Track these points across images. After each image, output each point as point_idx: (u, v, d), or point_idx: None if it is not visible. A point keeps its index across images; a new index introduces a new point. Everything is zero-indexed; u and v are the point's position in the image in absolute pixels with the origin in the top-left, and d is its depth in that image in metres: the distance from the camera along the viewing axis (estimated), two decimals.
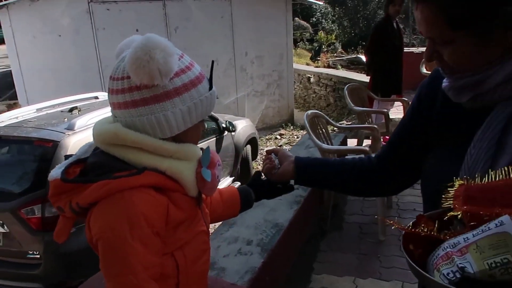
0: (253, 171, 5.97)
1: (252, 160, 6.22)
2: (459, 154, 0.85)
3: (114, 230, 0.83)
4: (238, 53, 8.30)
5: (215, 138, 5.23)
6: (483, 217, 0.67)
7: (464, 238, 0.65)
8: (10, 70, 7.64)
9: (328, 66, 12.40)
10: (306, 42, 16.56)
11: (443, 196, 0.74)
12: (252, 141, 6.26)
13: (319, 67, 12.35)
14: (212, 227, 4.47)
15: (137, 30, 7.31)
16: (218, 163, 1.00)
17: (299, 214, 2.71)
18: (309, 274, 2.70)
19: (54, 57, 7.07)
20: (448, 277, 0.62)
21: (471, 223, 0.67)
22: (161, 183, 0.89)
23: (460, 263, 0.62)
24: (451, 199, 0.73)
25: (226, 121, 5.47)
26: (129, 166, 0.89)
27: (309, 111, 3.26)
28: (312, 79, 10.53)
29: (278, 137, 8.22)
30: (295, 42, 16.65)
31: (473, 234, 0.64)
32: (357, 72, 11.01)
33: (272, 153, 1.28)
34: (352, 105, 4.26)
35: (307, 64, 13.17)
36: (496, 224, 0.62)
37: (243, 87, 8.54)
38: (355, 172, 1.19)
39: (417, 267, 0.66)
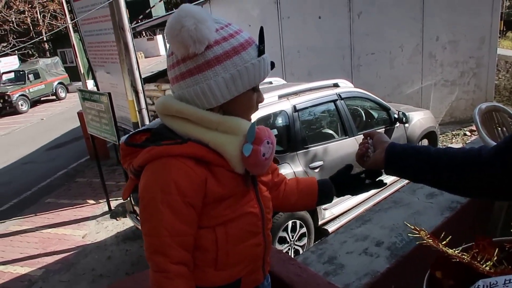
0: None
1: None
2: None
3: (149, 192, 0.89)
4: (427, 37, 7.46)
5: (384, 129, 4.94)
6: None
7: (506, 280, 0.43)
8: None
9: None
10: None
11: None
12: (430, 135, 5.65)
13: None
14: (343, 221, 4.19)
15: (319, 18, 7.40)
16: (267, 139, 0.93)
17: (451, 223, 2.30)
18: None
19: None
20: None
21: None
22: (201, 155, 0.89)
23: None
24: None
25: (399, 111, 5.06)
26: (178, 136, 0.92)
27: (485, 104, 2.71)
28: None
29: (468, 133, 7.14)
30: (511, 23, 14.01)
31: None
32: None
33: (369, 137, 1.12)
34: None
35: None
36: None
37: (430, 75, 7.66)
38: (459, 165, 0.93)
39: None
